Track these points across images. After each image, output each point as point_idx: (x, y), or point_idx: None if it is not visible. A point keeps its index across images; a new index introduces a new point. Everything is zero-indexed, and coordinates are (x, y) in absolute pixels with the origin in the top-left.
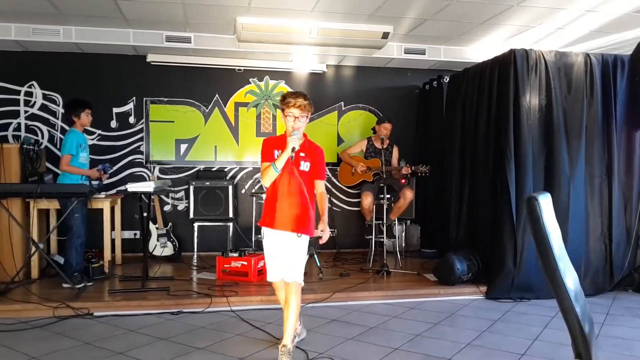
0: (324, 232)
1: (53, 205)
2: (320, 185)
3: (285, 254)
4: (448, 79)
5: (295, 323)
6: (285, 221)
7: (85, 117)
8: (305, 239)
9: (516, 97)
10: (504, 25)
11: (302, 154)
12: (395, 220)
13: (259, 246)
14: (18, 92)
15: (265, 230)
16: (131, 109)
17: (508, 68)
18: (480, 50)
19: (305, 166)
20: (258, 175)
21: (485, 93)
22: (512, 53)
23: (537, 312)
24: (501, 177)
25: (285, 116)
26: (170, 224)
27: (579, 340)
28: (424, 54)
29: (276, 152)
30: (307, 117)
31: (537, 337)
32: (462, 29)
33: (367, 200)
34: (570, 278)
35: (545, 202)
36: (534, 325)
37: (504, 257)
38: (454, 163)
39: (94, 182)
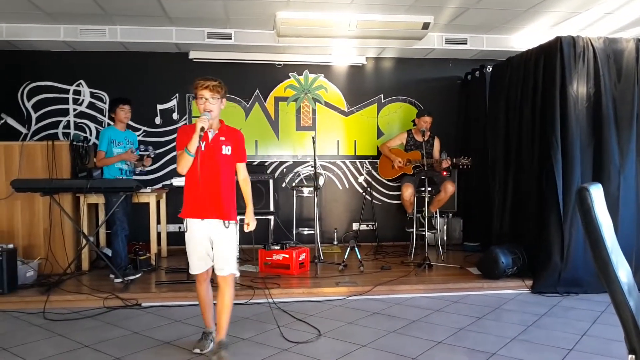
0: (251, 221)
1: (101, 199)
2: (242, 169)
3: (215, 245)
4: (491, 69)
5: (229, 316)
6: (211, 209)
7: (121, 112)
8: (233, 226)
9: (563, 86)
10: (549, 12)
11: (222, 138)
12: (436, 213)
13: (300, 239)
14: (67, 91)
15: (188, 221)
16: (174, 105)
17: (554, 56)
18: (524, 38)
19: (227, 150)
20: (298, 169)
21: (530, 82)
22: (558, 40)
23: (585, 306)
24: (547, 168)
25: (197, 99)
26: None
27: (633, 335)
28: (466, 44)
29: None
30: (220, 100)
31: (585, 332)
32: (506, 17)
33: (408, 191)
34: (623, 271)
35: (596, 192)
36: (582, 320)
37: (550, 250)
38: (498, 154)
39: (137, 169)
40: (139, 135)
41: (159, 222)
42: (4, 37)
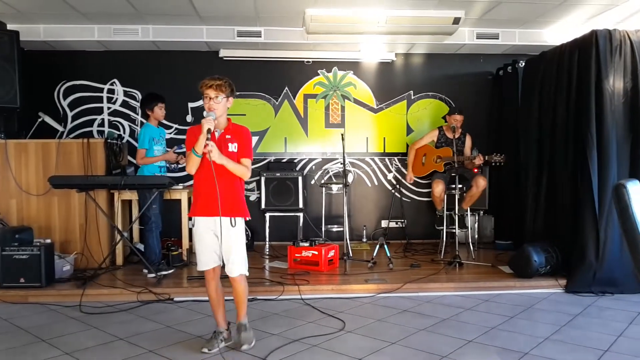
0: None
1: (135, 196)
2: (246, 164)
3: (223, 244)
4: (523, 64)
5: (246, 304)
6: (215, 206)
7: (159, 111)
8: (241, 224)
9: (598, 81)
10: (584, 5)
11: (228, 137)
12: (467, 211)
13: (329, 236)
14: (101, 90)
15: (197, 219)
16: None
17: (589, 50)
18: (558, 32)
19: (233, 147)
20: (327, 166)
21: (565, 77)
22: (593, 34)
23: (621, 307)
24: (582, 165)
25: (203, 99)
26: None
27: None
28: (497, 39)
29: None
30: (226, 98)
31: (622, 333)
32: (539, 11)
33: (439, 187)
34: None
35: (634, 189)
36: (618, 321)
37: (585, 249)
38: (531, 151)
39: (172, 166)
40: (170, 133)
41: (190, 218)
42: (41, 37)
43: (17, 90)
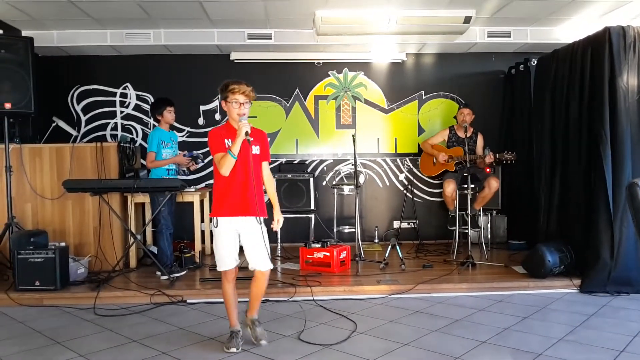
0: (279, 219)
1: (147, 199)
2: (267, 168)
3: (250, 242)
4: (536, 62)
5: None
6: (247, 206)
7: (168, 115)
8: (263, 222)
9: (612, 78)
10: (597, 2)
11: (251, 139)
12: (479, 211)
13: (341, 237)
14: (114, 94)
15: (221, 219)
16: (217, 106)
17: (602, 47)
18: (570, 29)
19: (256, 150)
20: (339, 167)
21: (577, 75)
22: (606, 31)
23: (637, 306)
24: (596, 164)
25: (229, 102)
26: None
27: None
28: (509, 37)
29: (226, 141)
30: (250, 103)
31: (637, 334)
32: (551, 9)
33: (450, 187)
34: None
35: None
36: (633, 321)
37: (599, 248)
38: (544, 149)
39: (182, 171)
40: (183, 136)
41: (202, 220)
42: (55, 43)
43: (31, 96)
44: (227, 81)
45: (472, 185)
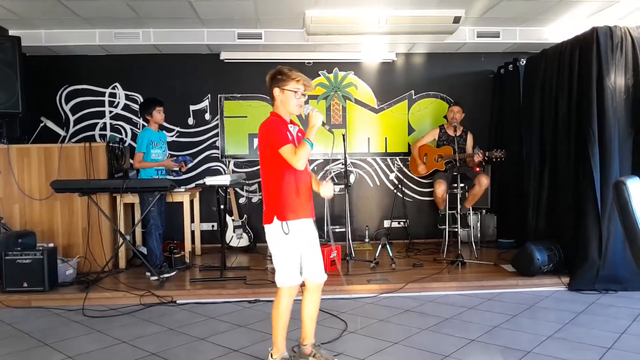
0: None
1: (136, 199)
2: None
3: (311, 248)
4: (525, 62)
5: None
6: (307, 208)
7: (158, 115)
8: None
9: (599, 78)
10: (585, 2)
11: (299, 134)
12: (470, 209)
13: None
14: (103, 94)
15: (292, 224)
16: (207, 106)
17: (590, 47)
18: (559, 30)
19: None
20: (329, 166)
21: (566, 74)
22: (594, 31)
23: (624, 304)
24: (584, 162)
25: (288, 91)
26: (245, 216)
27: None
28: (498, 37)
29: (289, 134)
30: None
31: (625, 331)
32: (539, 9)
33: (441, 188)
34: None
35: (634, 186)
36: (621, 318)
37: (587, 246)
38: (533, 149)
39: (172, 172)
40: (172, 136)
41: (192, 220)
42: (43, 42)
43: (19, 96)
44: (284, 68)
45: (462, 185)
